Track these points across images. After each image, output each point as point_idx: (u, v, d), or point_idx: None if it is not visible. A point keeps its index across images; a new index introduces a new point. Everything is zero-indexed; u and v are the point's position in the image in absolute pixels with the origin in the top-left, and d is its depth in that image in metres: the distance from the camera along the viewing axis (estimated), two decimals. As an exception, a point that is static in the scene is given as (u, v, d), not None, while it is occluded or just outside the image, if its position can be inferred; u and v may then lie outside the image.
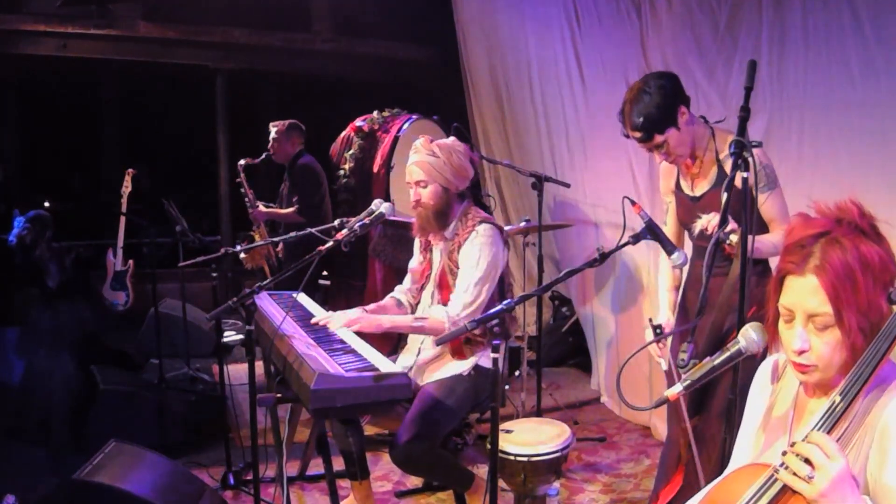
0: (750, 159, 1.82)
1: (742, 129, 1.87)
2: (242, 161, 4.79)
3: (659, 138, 2.23)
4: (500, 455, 2.37)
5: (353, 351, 2.43)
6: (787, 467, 1.17)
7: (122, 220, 5.29)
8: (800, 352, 1.27)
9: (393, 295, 2.91)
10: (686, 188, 2.43)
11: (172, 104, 7.24)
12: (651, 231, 2.00)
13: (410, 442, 2.40)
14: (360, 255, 4.77)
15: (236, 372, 4.13)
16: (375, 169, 4.86)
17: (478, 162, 2.74)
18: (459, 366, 2.62)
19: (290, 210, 4.66)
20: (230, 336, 5.63)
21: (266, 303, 2.90)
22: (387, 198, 4.52)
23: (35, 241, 4.68)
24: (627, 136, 2.31)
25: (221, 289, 3.73)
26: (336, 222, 2.69)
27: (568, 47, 4.50)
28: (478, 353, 2.63)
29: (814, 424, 1.20)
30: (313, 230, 2.75)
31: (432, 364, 2.68)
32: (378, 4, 6.39)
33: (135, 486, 2.35)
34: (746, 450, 1.48)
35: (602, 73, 4.26)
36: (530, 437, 2.50)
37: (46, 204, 6.94)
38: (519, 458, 2.43)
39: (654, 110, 2.19)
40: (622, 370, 1.58)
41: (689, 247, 2.55)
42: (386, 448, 3.40)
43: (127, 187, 5.20)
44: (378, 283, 4.60)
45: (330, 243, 2.44)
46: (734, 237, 1.90)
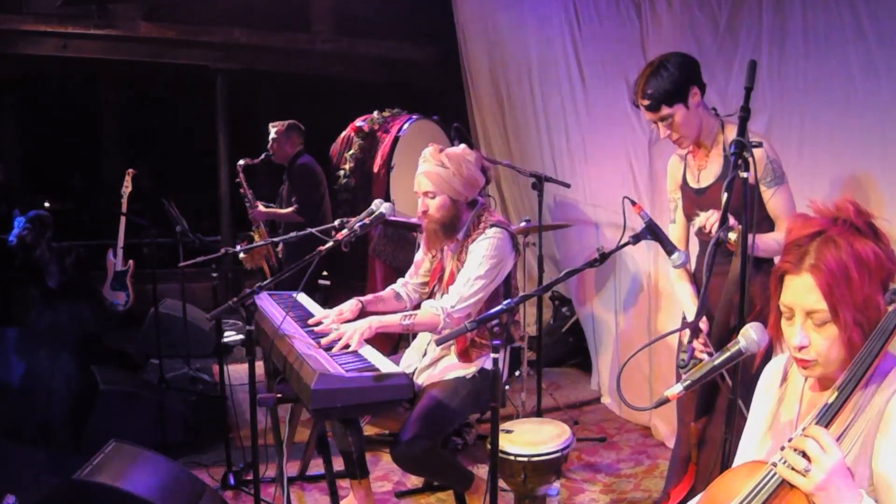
0: (750, 159, 1.82)
1: (742, 129, 1.88)
2: (242, 161, 4.80)
3: (666, 110, 2.24)
4: (501, 455, 2.37)
5: (353, 351, 2.43)
6: (784, 462, 1.18)
7: (123, 220, 5.30)
8: (799, 347, 1.31)
9: (393, 287, 2.90)
10: (691, 181, 2.42)
11: (172, 104, 7.23)
12: (651, 231, 2.00)
13: (412, 441, 2.40)
14: (360, 255, 4.76)
15: (236, 372, 4.13)
16: (375, 169, 4.85)
17: (490, 168, 2.71)
18: (464, 368, 2.61)
19: (290, 210, 4.66)
20: (230, 336, 5.63)
21: (266, 303, 2.90)
22: (387, 198, 4.51)
23: (35, 242, 4.68)
24: (637, 105, 2.33)
25: (221, 289, 3.72)
26: (336, 222, 2.70)
27: (568, 47, 4.50)
28: (484, 357, 2.62)
29: (812, 419, 1.22)
30: (313, 230, 2.75)
31: (438, 365, 2.67)
32: (378, 4, 6.38)
33: (135, 486, 2.34)
34: (751, 448, 1.49)
35: (602, 74, 4.26)
36: (530, 437, 2.50)
37: (46, 204, 6.94)
38: (519, 459, 2.43)
39: (668, 83, 2.22)
40: (622, 370, 1.58)
41: (695, 243, 2.54)
42: (386, 448, 3.40)
43: (127, 187, 5.21)
44: (378, 283, 4.59)
45: (330, 243, 2.44)
46: (733, 235, 1.90)
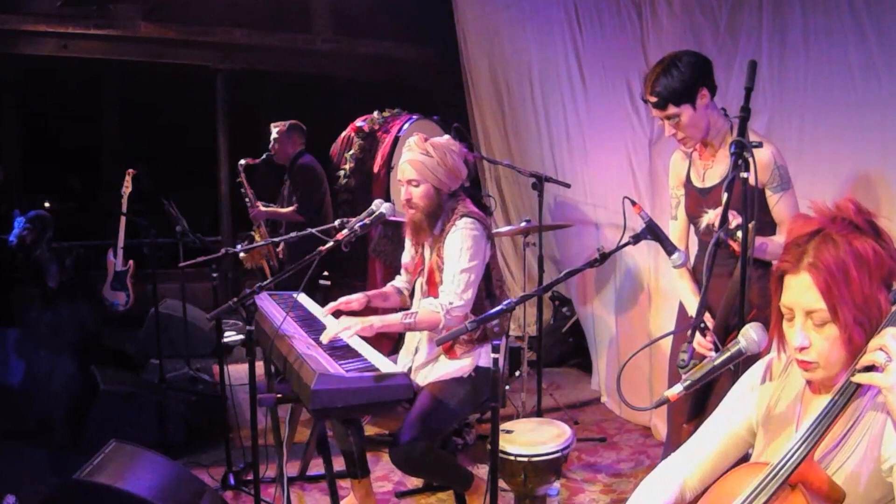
0: (750, 159, 1.82)
1: (742, 130, 1.88)
2: (243, 161, 4.80)
3: (672, 109, 2.24)
4: (501, 455, 2.37)
5: (353, 351, 2.43)
6: (860, 369, 1.18)
7: (123, 220, 5.30)
8: (800, 348, 1.29)
9: (393, 283, 2.91)
10: (696, 180, 2.41)
11: (172, 104, 7.23)
12: (651, 231, 2.00)
13: (410, 443, 2.39)
14: (361, 255, 4.76)
15: (237, 372, 4.13)
16: (376, 169, 4.85)
17: (472, 162, 2.71)
18: (459, 367, 2.59)
19: (290, 209, 4.67)
20: (230, 336, 5.62)
21: (266, 303, 2.90)
22: (387, 198, 4.51)
23: (35, 242, 4.68)
24: (645, 100, 2.33)
25: (222, 289, 3.73)
26: (336, 222, 2.70)
27: (569, 48, 4.50)
28: (472, 353, 2.60)
29: (815, 420, 1.21)
30: (314, 230, 2.75)
31: (430, 364, 2.65)
32: (378, 5, 6.39)
33: (135, 486, 2.34)
34: (717, 434, 1.50)
35: (603, 74, 4.26)
36: (531, 437, 2.50)
37: (47, 204, 6.95)
38: (519, 459, 2.43)
39: (677, 82, 2.22)
40: (622, 370, 1.58)
41: (695, 242, 2.54)
42: (386, 448, 3.40)
43: (127, 187, 5.21)
44: (378, 283, 4.59)
45: (330, 243, 2.44)
46: (740, 233, 1.89)
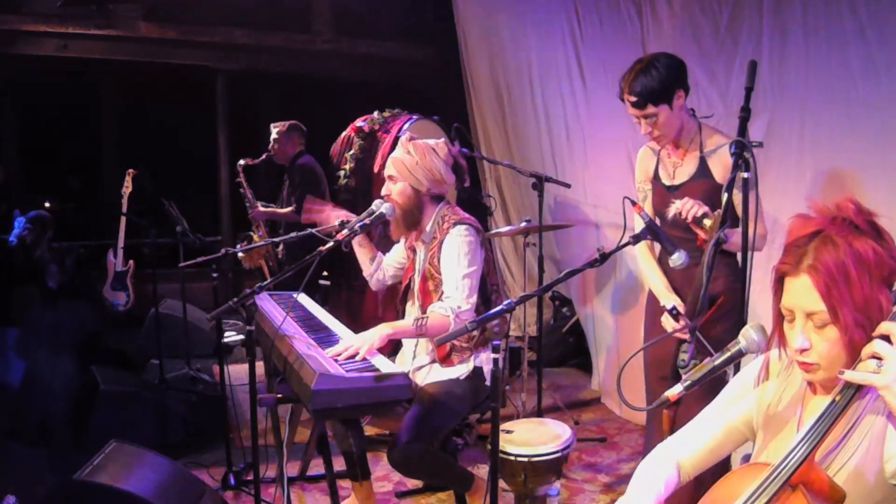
0: (751, 160, 1.82)
1: (742, 130, 1.88)
2: (242, 161, 4.81)
3: (651, 109, 2.33)
4: (501, 455, 2.37)
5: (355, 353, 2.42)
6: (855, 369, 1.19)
7: (123, 220, 5.30)
8: (801, 350, 1.29)
9: (383, 260, 2.89)
10: (664, 178, 2.51)
11: (172, 104, 7.23)
12: (651, 231, 2.00)
13: (409, 445, 2.38)
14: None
15: (237, 372, 4.13)
16: (376, 169, 4.85)
17: (465, 165, 2.70)
18: (457, 370, 2.58)
19: (289, 210, 4.67)
20: (231, 336, 5.63)
21: (266, 303, 2.90)
22: (387, 198, 4.51)
23: (36, 242, 4.68)
24: (622, 98, 2.40)
25: (222, 289, 3.73)
26: (336, 223, 2.70)
27: (569, 48, 4.50)
28: (467, 359, 2.58)
29: (816, 421, 1.21)
30: (314, 230, 2.75)
31: (427, 368, 2.64)
32: (378, 5, 6.39)
33: (135, 486, 2.34)
34: (715, 424, 1.52)
35: (603, 74, 4.25)
36: (531, 437, 2.50)
37: (47, 204, 6.94)
38: (519, 459, 2.42)
39: (656, 82, 2.30)
40: (623, 370, 1.58)
41: None
42: (386, 448, 3.40)
43: (127, 187, 5.21)
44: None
45: (330, 244, 2.44)
46: (707, 221, 2.00)
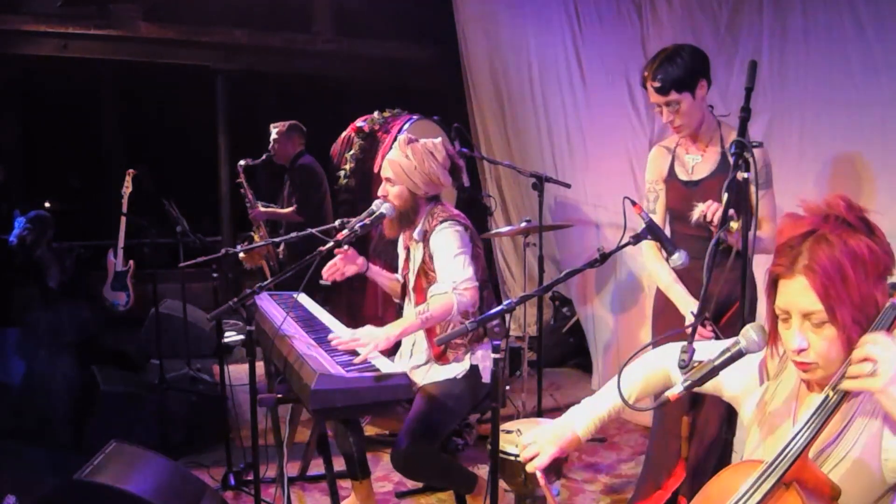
0: (751, 160, 1.82)
1: (743, 130, 1.88)
2: (242, 161, 4.81)
3: (674, 95, 2.32)
4: (501, 455, 2.37)
5: (353, 351, 2.42)
6: (848, 377, 1.19)
7: (123, 220, 5.30)
8: (798, 351, 1.28)
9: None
10: (682, 173, 2.44)
11: (173, 105, 7.24)
12: (651, 231, 1.99)
13: (410, 447, 2.38)
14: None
15: (237, 372, 4.13)
16: (376, 169, 4.85)
17: (462, 166, 2.70)
18: (454, 368, 2.58)
19: (289, 210, 4.67)
20: (231, 336, 5.63)
21: (267, 303, 2.90)
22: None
23: (36, 242, 4.69)
24: (644, 86, 2.39)
25: (222, 289, 3.73)
26: (336, 223, 2.70)
27: (569, 47, 4.50)
28: (463, 357, 2.59)
29: (809, 418, 1.21)
30: (314, 230, 2.75)
31: (425, 367, 2.64)
32: (379, 5, 6.39)
33: (135, 486, 2.34)
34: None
35: (603, 74, 4.26)
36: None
37: (47, 204, 6.96)
38: (520, 459, 2.42)
39: (681, 69, 2.30)
40: (623, 370, 1.57)
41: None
42: (386, 448, 3.40)
43: (127, 188, 5.21)
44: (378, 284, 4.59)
45: (331, 244, 2.44)
46: (734, 224, 1.92)
